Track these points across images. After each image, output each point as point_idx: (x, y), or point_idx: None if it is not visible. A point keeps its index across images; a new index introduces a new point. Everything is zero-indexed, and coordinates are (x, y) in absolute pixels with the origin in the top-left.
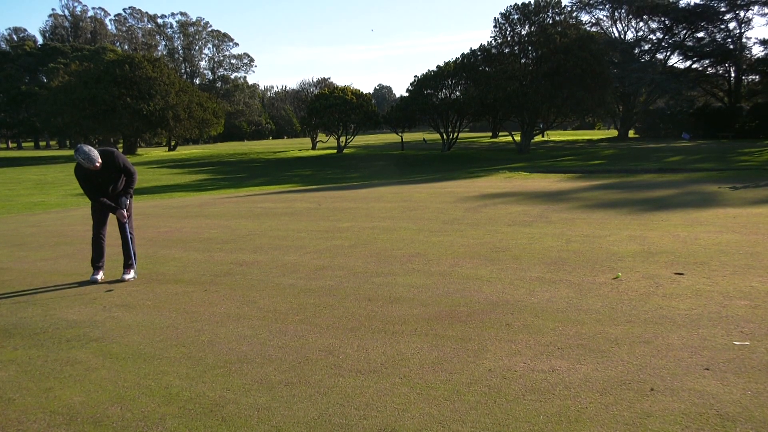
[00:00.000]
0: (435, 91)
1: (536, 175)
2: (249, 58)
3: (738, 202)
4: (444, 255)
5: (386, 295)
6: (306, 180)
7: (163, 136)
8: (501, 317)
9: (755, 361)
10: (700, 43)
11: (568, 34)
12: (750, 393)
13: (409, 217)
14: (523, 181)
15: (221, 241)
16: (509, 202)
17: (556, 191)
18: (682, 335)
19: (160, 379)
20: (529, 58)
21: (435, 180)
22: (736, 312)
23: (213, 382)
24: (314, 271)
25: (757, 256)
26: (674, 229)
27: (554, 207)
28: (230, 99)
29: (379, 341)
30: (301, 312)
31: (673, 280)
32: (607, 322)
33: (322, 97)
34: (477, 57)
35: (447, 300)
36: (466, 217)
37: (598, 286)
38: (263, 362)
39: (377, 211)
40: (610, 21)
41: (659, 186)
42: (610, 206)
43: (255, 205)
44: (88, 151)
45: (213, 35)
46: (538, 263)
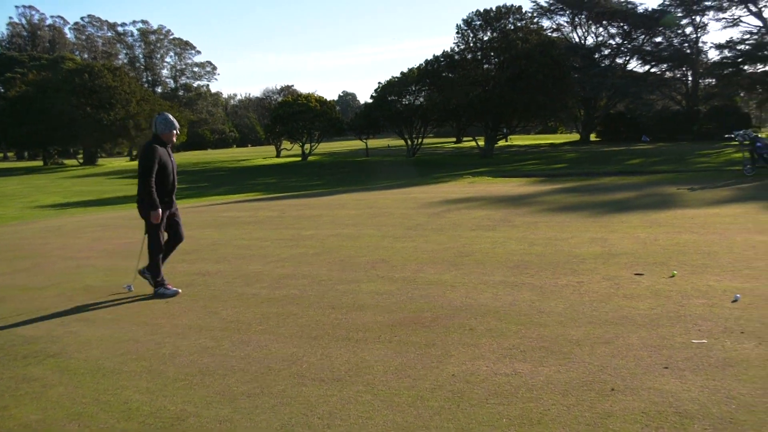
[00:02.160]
0: (399, 98)
1: (500, 179)
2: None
3: (696, 203)
4: (408, 261)
5: (350, 303)
6: (270, 188)
7: (124, 146)
8: (465, 322)
9: (712, 358)
10: (658, 48)
11: (529, 39)
12: (707, 390)
13: (374, 224)
14: (487, 186)
15: (183, 252)
16: (473, 206)
17: (519, 195)
18: (641, 335)
19: (119, 394)
20: (492, 63)
21: (399, 186)
22: (693, 311)
23: (174, 395)
24: (278, 280)
25: (714, 256)
26: (634, 231)
27: (517, 211)
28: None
29: (342, 349)
30: (264, 322)
31: (633, 281)
32: (569, 323)
33: (286, 105)
34: (440, 63)
35: (411, 306)
36: (430, 223)
37: (560, 288)
38: (225, 373)
39: (341, 218)
40: (570, 26)
41: (620, 188)
42: (572, 209)
43: (218, 215)
44: (166, 115)
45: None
46: (502, 267)
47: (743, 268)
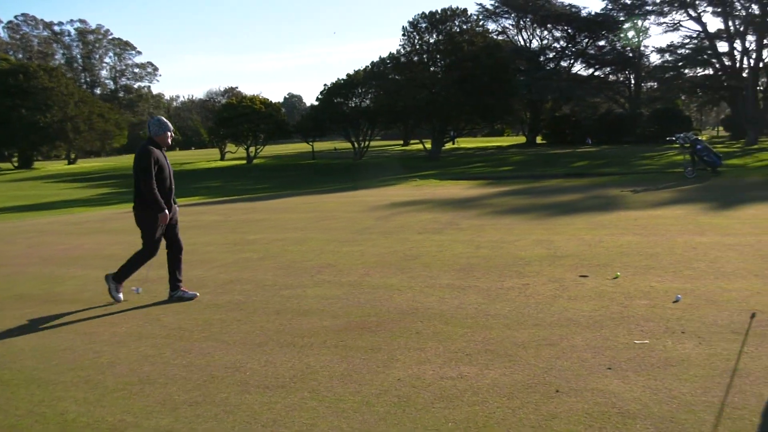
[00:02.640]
0: (345, 100)
1: (447, 182)
2: (153, 66)
3: (639, 204)
4: (354, 265)
5: (295, 308)
6: (214, 192)
7: (62, 149)
8: (411, 325)
9: (654, 358)
10: (602, 51)
11: (475, 42)
12: (649, 390)
13: (320, 228)
14: (434, 189)
15: (123, 258)
16: (420, 209)
17: (466, 198)
18: (586, 336)
19: (55, 405)
20: (438, 66)
21: (346, 189)
22: (636, 312)
23: (113, 405)
24: (221, 285)
25: (656, 257)
26: (579, 233)
27: (464, 214)
28: (134, 109)
29: (287, 355)
30: (207, 328)
31: (577, 283)
32: (515, 326)
33: (230, 107)
34: (386, 65)
35: (357, 310)
36: (376, 226)
37: (506, 291)
38: (166, 382)
39: (287, 222)
40: (515, 30)
41: (565, 191)
42: (519, 212)
43: None
44: (159, 117)
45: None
46: (448, 270)
47: (684, 269)
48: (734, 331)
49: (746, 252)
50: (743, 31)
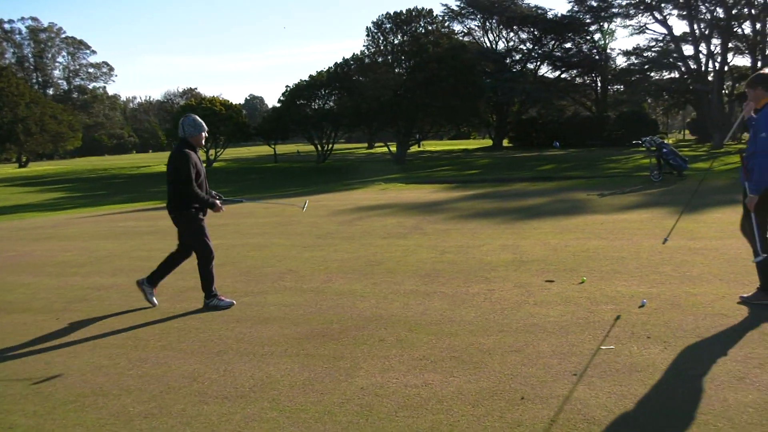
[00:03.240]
0: (308, 102)
1: (412, 185)
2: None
3: (605, 208)
4: (317, 271)
5: (255, 315)
6: None
7: (13, 151)
8: (374, 333)
9: (620, 364)
10: (568, 54)
11: (440, 43)
12: (615, 396)
13: (281, 233)
14: (399, 193)
15: (77, 265)
16: (384, 214)
17: (432, 202)
18: (551, 342)
19: (3, 418)
20: (403, 67)
21: (309, 193)
22: (602, 317)
23: (64, 418)
24: (179, 293)
25: (623, 261)
26: (545, 237)
27: (429, 218)
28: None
29: (247, 364)
30: (163, 337)
31: (543, 288)
32: (480, 332)
33: (189, 109)
34: (350, 66)
35: (319, 318)
36: (340, 231)
37: (472, 296)
38: (121, 394)
39: (248, 227)
40: (481, 31)
41: (531, 194)
42: (484, 216)
43: (116, 224)
44: (194, 117)
45: (67, 42)
46: (413, 276)
47: (650, 273)
48: (699, 335)
49: (711, 256)
50: (708, 34)
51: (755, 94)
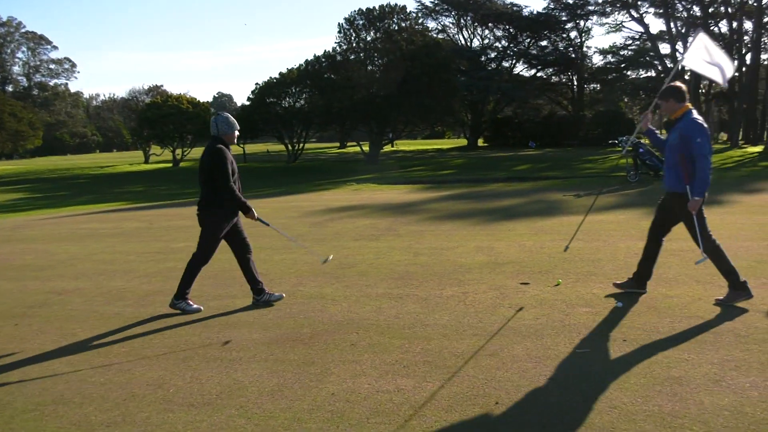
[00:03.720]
0: (278, 100)
1: (385, 186)
2: (70, 62)
3: (581, 209)
4: (287, 274)
5: (223, 320)
6: (137, 197)
7: None
8: (346, 337)
9: (595, 367)
10: (544, 52)
11: (414, 40)
12: (590, 400)
13: (251, 234)
14: (372, 193)
15: (37, 268)
16: (357, 215)
17: (405, 203)
18: (527, 346)
19: None
20: (376, 65)
21: (279, 194)
22: (578, 320)
23: (22, 428)
24: (144, 297)
25: (598, 263)
26: (520, 239)
27: (403, 219)
28: (49, 108)
29: (214, 370)
30: (127, 343)
31: (518, 291)
32: (454, 336)
33: (155, 107)
34: (321, 64)
35: (289, 322)
36: (311, 233)
37: (446, 299)
38: (83, 402)
39: None
40: (456, 28)
41: (507, 195)
42: (459, 217)
43: (78, 226)
44: (227, 114)
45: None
46: (386, 278)
47: (626, 275)
48: (675, 338)
49: (688, 258)
50: (685, 32)
51: (668, 106)
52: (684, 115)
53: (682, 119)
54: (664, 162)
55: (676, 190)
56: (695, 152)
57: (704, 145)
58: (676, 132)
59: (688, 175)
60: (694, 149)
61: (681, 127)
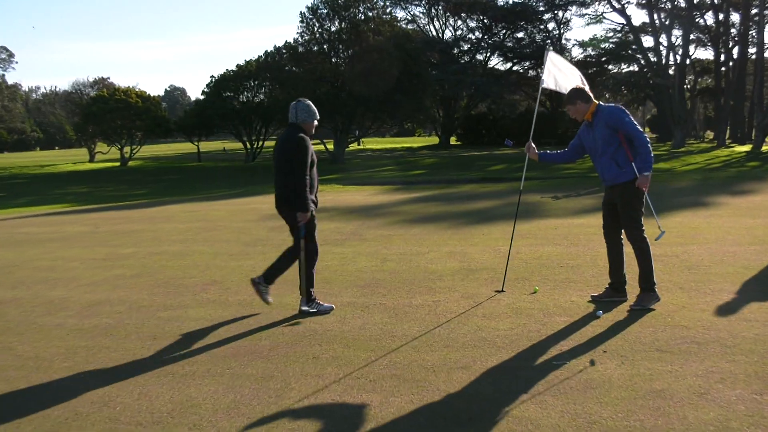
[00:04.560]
0: (236, 94)
1: (351, 187)
2: (8, 52)
3: (559, 212)
4: (245, 282)
5: (175, 332)
6: (82, 199)
7: None
8: (308, 349)
9: (574, 380)
10: (520, 44)
11: (381, 31)
12: (568, 415)
13: (205, 239)
14: (336, 195)
15: None
16: (320, 218)
17: (373, 205)
18: (501, 358)
19: None
20: (341, 57)
21: (236, 195)
22: (555, 329)
23: None
24: (88, 307)
25: (578, 269)
26: (495, 244)
27: (370, 223)
28: None
29: (165, 386)
30: (70, 357)
31: (493, 299)
32: (424, 348)
33: (101, 100)
34: (282, 55)
35: (247, 334)
36: (271, 238)
37: (415, 309)
38: (21, 422)
39: (167, 233)
40: (427, 18)
41: (481, 197)
42: (430, 220)
43: (15, 230)
44: (308, 102)
45: None
46: (351, 286)
47: (607, 282)
48: (658, 348)
49: (672, 263)
50: (669, 24)
51: (577, 109)
52: (597, 110)
53: (597, 114)
54: (597, 162)
55: (618, 181)
56: (630, 131)
57: (633, 121)
58: (599, 126)
59: (632, 156)
60: (628, 129)
61: (602, 119)
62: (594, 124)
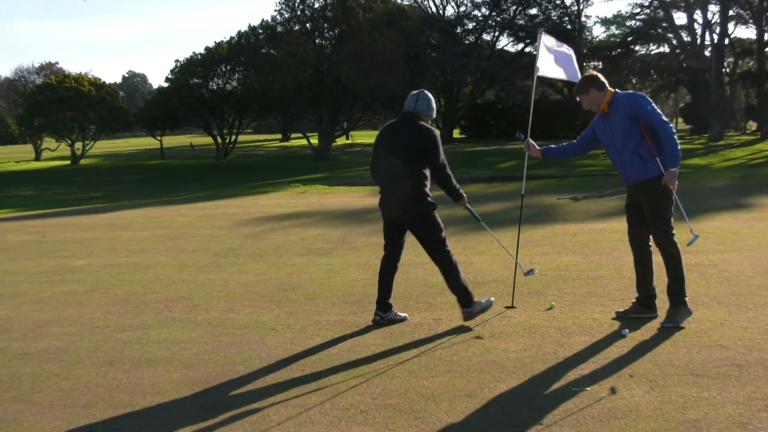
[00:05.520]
0: (204, 81)
1: (338, 188)
2: None
3: (579, 215)
4: (216, 297)
5: (135, 357)
6: (26, 202)
7: None
8: (289, 376)
9: (595, 410)
10: (533, 22)
11: (373, 8)
12: None
13: (169, 249)
14: (322, 197)
15: None
16: (303, 224)
17: (364, 209)
18: (511, 384)
19: None
20: (326, 37)
21: (206, 198)
22: (575, 351)
23: None
24: (34, 328)
25: (600, 281)
26: (505, 253)
27: (360, 229)
28: None
29: (122, 420)
30: (13, 387)
31: (502, 316)
32: (423, 373)
33: (48, 89)
34: (258, 36)
35: (219, 358)
36: (245, 247)
37: (413, 328)
38: None
39: (125, 242)
40: None
41: (489, 199)
42: None
43: None
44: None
45: None
46: (339, 303)
47: (634, 295)
48: (693, 372)
49: (709, 274)
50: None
51: (591, 99)
52: (614, 99)
53: (614, 103)
54: (617, 158)
55: (643, 178)
56: (654, 120)
57: (656, 109)
58: (617, 117)
59: (656, 149)
60: (651, 117)
61: (619, 108)
62: (610, 115)
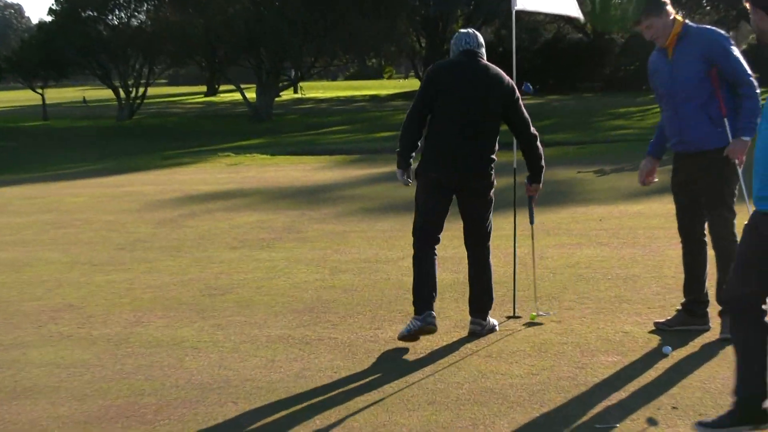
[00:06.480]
0: (101, 14)
1: (283, 158)
2: None
3: (607, 195)
4: (117, 306)
5: (8, 386)
6: None
7: None
8: (217, 410)
9: None
10: None
11: None
12: None
13: (55, 241)
14: (261, 171)
15: None
16: (235, 207)
17: (317, 186)
18: (515, 418)
19: None
20: None
21: (104, 172)
22: (599, 375)
23: None
24: None
25: (634, 282)
26: (508, 243)
27: (312, 214)
28: None
29: None
30: None
31: (504, 329)
32: (397, 406)
33: None
34: None
35: (121, 387)
36: (158, 237)
37: (383, 345)
38: None
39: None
40: None
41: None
42: (404, 208)
43: None
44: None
45: None
46: (284, 312)
47: (678, 301)
48: None
49: None
50: None
51: (657, 28)
52: (685, 32)
53: (684, 38)
54: (674, 116)
55: (709, 146)
56: (738, 71)
57: (740, 56)
58: (687, 58)
59: (725, 107)
60: (734, 66)
61: (693, 47)
62: (676, 54)
